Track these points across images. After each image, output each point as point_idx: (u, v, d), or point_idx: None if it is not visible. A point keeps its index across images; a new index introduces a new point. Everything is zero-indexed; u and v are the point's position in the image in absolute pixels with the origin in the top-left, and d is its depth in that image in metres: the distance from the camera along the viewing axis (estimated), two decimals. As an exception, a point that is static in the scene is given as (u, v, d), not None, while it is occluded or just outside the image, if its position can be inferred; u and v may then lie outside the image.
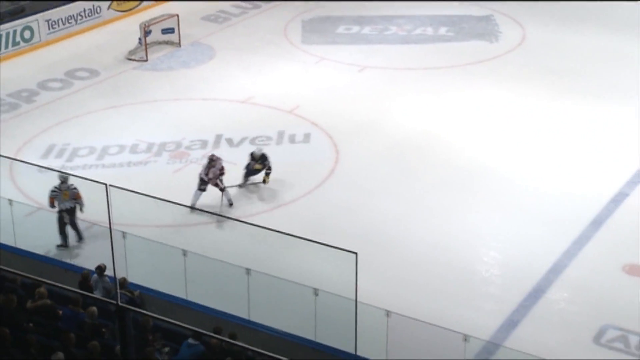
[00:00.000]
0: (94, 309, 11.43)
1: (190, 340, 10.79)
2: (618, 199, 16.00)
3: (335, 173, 17.27)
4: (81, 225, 14.72)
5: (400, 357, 11.44)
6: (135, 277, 12.68)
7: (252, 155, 16.62)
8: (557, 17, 25.41)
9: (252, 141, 18.42)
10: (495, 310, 13.09)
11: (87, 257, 14.00)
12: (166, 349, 11.03)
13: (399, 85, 21.43)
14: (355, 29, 25.26)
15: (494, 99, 20.44)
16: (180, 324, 9.89)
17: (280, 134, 18.81)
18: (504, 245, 14.83)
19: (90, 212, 14.35)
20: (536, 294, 13.49)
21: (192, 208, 15.57)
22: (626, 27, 24.40)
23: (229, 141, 18.40)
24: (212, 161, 15.87)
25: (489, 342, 12.08)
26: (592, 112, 19.53)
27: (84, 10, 25.29)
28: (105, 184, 9.60)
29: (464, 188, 16.61)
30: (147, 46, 23.32)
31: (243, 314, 12.45)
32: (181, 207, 14.68)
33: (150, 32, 23.56)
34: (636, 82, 20.74)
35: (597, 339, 12.46)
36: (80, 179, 13.75)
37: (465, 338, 11.21)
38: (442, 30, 24.84)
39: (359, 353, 10.97)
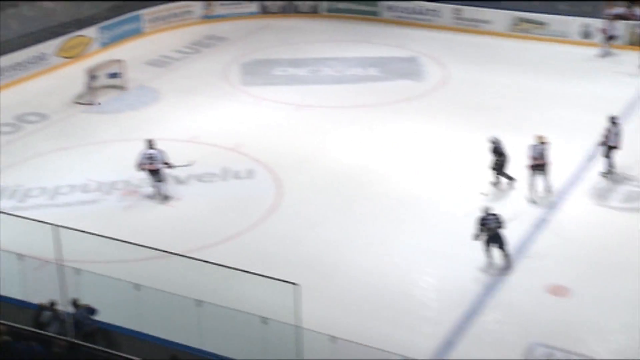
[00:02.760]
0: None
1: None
2: (538, 224, 16.19)
3: (279, 206, 17.11)
4: (33, 264, 14.03)
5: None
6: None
7: None
8: (475, 59, 25.81)
9: (199, 178, 18.17)
10: (432, 332, 13.05)
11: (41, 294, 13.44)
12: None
13: (334, 122, 21.43)
14: (290, 70, 25.25)
15: (421, 133, 20.61)
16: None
17: (225, 170, 18.57)
18: (437, 270, 14.83)
19: (43, 251, 13.78)
20: (470, 315, 13.50)
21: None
22: (538, 66, 24.88)
23: (176, 178, 18.05)
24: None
25: (429, 363, 12.03)
26: (508, 143, 19.71)
27: (31, 57, 24.80)
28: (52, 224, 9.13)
29: (398, 216, 16.63)
30: (94, 90, 22.87)
31: (195, 344, 12.12)
32: (130, 244, 14.25)
33: (96, 76, 23.11)
34: (545, 115, 21.11)
35: (527, 355, 12.50)
36: (30, 220, 13.25)
37: (407, 360, 11.13)
38: (372, 71, 25.01)
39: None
